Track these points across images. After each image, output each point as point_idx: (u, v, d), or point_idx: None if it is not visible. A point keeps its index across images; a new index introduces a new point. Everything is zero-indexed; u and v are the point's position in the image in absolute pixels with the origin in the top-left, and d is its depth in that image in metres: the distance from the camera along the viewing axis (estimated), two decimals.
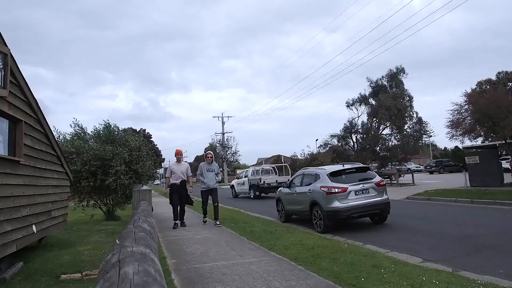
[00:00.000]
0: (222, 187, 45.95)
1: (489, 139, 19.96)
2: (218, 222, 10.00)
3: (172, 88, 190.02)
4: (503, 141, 16.91)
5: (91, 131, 13.35)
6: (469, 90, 20.17)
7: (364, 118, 30.13)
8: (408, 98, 29.46)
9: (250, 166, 31.53)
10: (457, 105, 18.18)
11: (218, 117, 61.82)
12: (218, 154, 70.22)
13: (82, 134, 13.01)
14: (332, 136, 30.82)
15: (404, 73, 31.22)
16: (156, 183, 70.25)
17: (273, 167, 25.26)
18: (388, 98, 27.60)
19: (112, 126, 13.29)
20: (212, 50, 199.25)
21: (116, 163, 11.65)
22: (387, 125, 28.60)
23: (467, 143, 19.84)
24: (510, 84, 37.45)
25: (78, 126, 13.07)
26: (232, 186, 25.60)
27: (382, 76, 31.13)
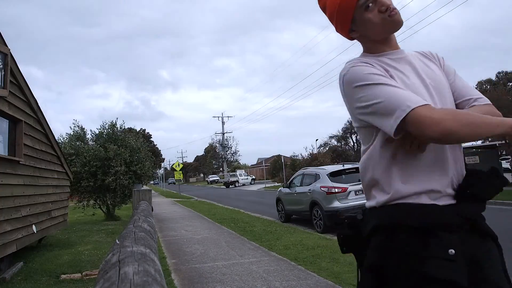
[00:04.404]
0: (222, 187, 46.08)
1: (489, 139, 19.96)
2: None
3: (163, 87, 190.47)
4: (503, 141, 16.91)
5: (97, 128, 13.46)
6: None
7: None
8: None
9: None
10: None
11: (218, 117, 61.93)
12: (218, 154, 70.36)
13: (82, 135, 13.05)
14: (332, 136, 30.84)
15: None
16: (151, 182, 70.02)
17: None
18: None
19: (117, 126, 13.36)
20: (203, 48, 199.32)
21: (116, 163, 11.68)
22: None
23: (467, 142, 19.80)
24: (510, 84, 37.46)
25: (78, 127, 13.11)
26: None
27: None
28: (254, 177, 47.48)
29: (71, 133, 12.93)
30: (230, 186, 42.99)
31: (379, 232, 1.18)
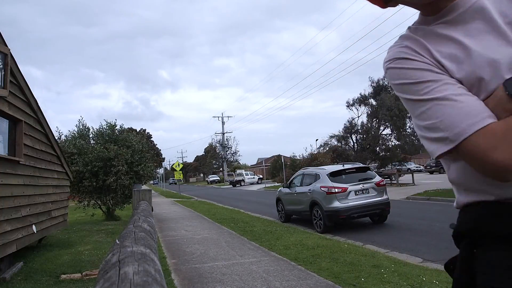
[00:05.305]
0: (222, 187, 46.17)
1: None
2: None
3: (163, 87, 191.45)
4: None
5: (96, 128, 13.46)
6: None
7: (364, 118, 30.12)
8: None
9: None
10: None
11: (218, 117, 62.10)
12: (218, 154, 70.33)
13: (86, 132, 13.09)
14: (332, 136, 30.81)
15: None
16: (150, 182, 69.90)
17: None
18: (391, 98, 27.61)
19: (116, 126, 13.37)
20: (202, 48, 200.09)
21: (118, 163, 11.70)
22: (388, 125, 28.61)
23: None
24: None
25: (83, 126, 13.14)
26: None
27: (384, 76, 31.06)
28: (261, 176, 47.78)
29: (75, 131, 12.94)
30: (236, 185, 44.56)
31: (461, 245, 0.91)
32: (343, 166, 9.76)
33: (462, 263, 0.88)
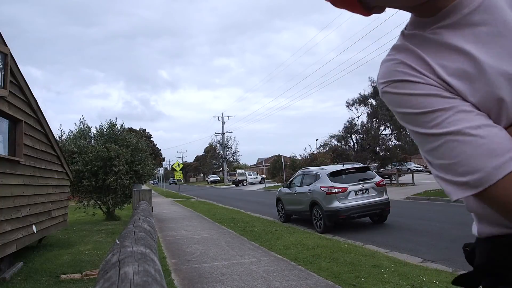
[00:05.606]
0: (222, 187, 46.23)
1: None
2: None
3: (163, 87, 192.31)
4: None
5: (97, 127, 13.46)
6: None
7: (364, 118, 30.14)
8: None
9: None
10: None
11: (218, 117, 62.06)
12: (218, 154, 70.37)
13: (88, 131, 13.09)
14: (332, 136, 30.82)
15: None
16: (150, 182, 70.06)
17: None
18: None
19: (117, 126, 13.37)
20: (202, 48, 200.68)
21: (119, 163, 11.71)
22: (388, 125, 28.62)
23: None
24: None
25: (83, 125, 13.15)
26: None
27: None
28: (264, 176, 48.07)
29: (76, 130, 12.94)
30: (239, 184, 45.47)
31: (483, 281, 0.77)
32: (343, 166, 9.76)
33: None
